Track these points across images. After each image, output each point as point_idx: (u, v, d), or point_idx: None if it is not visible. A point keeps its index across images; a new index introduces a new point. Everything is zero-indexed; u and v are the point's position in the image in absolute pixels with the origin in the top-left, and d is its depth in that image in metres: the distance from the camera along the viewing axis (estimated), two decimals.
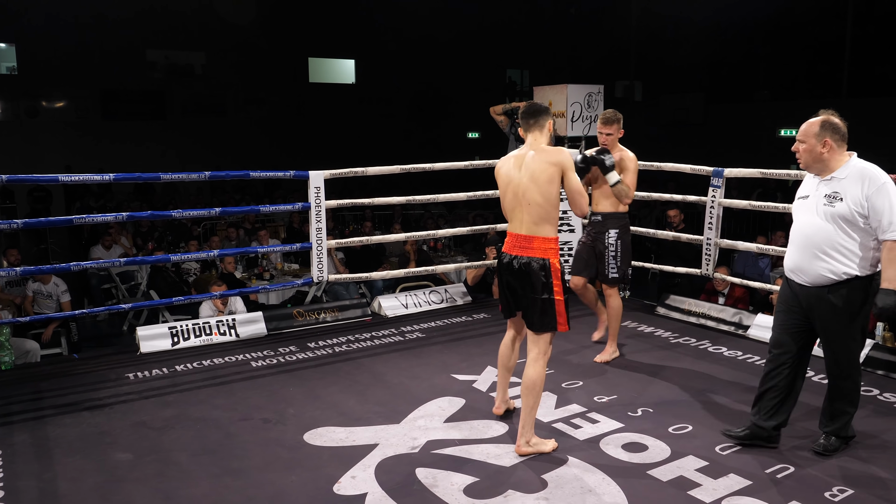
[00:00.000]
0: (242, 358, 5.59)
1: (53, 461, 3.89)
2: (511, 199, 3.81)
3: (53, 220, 6.00)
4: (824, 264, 3.61)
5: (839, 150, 3.63)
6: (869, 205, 3.49)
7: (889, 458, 3.79)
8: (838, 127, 3.62)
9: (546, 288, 3.73)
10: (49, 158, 17.02)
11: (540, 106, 3.88)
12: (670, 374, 5.10)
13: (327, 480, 3.61)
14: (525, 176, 3.74)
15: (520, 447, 3.82)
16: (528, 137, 3.89)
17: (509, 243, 3.86)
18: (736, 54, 21.16)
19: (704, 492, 3.45)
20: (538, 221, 3.73)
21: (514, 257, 3.80)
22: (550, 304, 3.74)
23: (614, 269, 5.27)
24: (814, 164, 3.66)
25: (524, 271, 3.76)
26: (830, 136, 3.60)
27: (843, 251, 3.58)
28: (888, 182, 3.49)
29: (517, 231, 3.80)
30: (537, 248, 3.74)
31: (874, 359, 5.13)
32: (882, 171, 3.56)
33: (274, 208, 6.72)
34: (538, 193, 3.70)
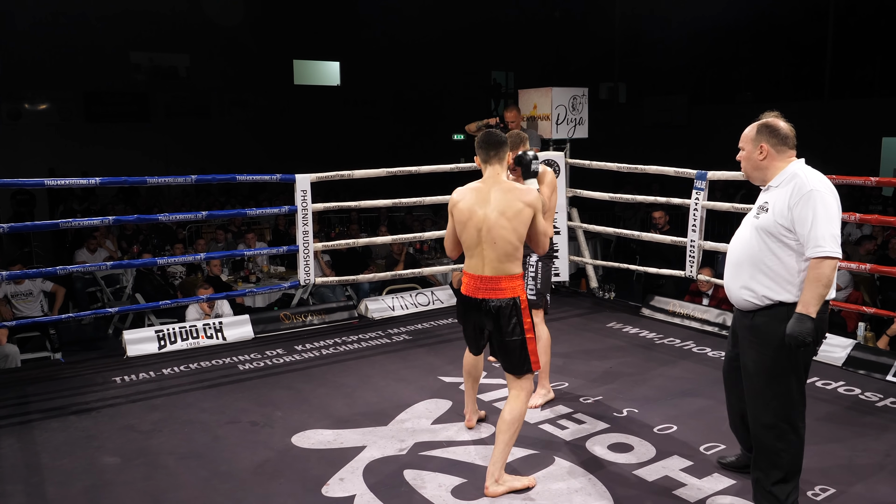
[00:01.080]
0: (229, 361, 5.60)
1: (41, 465, 3.89)
2: (473, 235, 3.51)
3: (39, 224, 5.98)
4: (745, 284, 3.19)
5: (779, 155, 3.16)
6: (793, 216, 3.02)
7: (871, 458, 3.85)
8: (777, 130, 3.16)
9: (517, 328, 3.51)
10: (32, 161, 16.87)
11: (500, 137, 3.63)
12: (655, 374, 5.15)
13: (315, 482, 3.62)
14: (493, 213, 3.47)
15: (488, 488, 3.47)
16: (486, 170, 3.60)
17: (471, 285, 3.57)
18: (719, 56, 21.30)
19: (689, 491, 3.50)
20: (504, 260, 3.49)
21: (484, 301, 3.53)
22: (523, 345, 3.53)
23: (532, 291, 4.63)
24: (753, 171, 3.25)
25: (494, 314, 3.52)
26: (767, 141, 3.15)
27: (764, 270, 3.12)
28: (815, 190, 3.00)
29: (479, 272, 3.53)
30: (507, 289, 3.50)
31: (856, 359, 5.20)
32: (816, 179, 3.07)
33: (260, 211, 6.73)
34: (510, 231, 3.45)
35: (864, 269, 5.65)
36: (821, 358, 5.34)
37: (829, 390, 4.82)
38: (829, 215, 2.99)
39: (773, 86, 20.84)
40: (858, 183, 5.29)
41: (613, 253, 11.78)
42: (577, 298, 7.42)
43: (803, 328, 2.96)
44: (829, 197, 3.02)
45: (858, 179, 5.30)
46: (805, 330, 2.96)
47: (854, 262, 7.11)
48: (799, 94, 19.87)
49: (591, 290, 7.59)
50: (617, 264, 7.60)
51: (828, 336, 5.33)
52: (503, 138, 3.63)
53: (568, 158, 7.44)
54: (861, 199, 13.71)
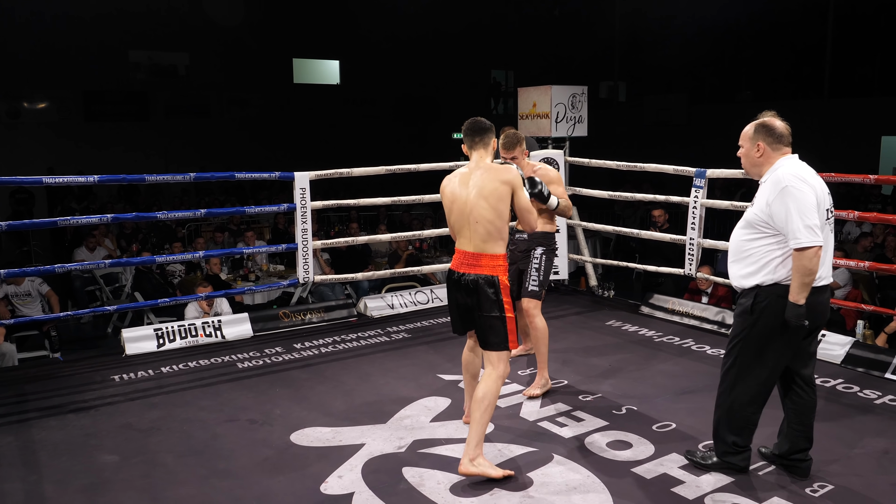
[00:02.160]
0: (228, 359, 5.60)
1: (39, 464, 3.89)
2: (458, 216, 3.70)
3: (38, 221, 5.98)
4: (734, 269, 3.51)
5: (774, 153, 3.40)
6: (771, 211, 3.30)
7: (869, 454, 3.85)
8: (773, 129, 3.40)
9: (496, 305, 3.63)
10: (31, 160, 16.87)
11: (485, 123, 3.77)
12: (654, 372, 5.15)
13: (314, 480, 3.62)
14: (472, 193, 3.63)
15: (463, 465, 3.56)
16: (472, 155, 3.78)
17: (457, 260, 3.74)
18: (719, 55, 21.29)
19: (687, 489, 3.50)
20: (486, 239, 3.62)
21: (463, 275, 3.68)
22: (502, 322, 3.64)
23: (535, 281, 4.87)
24: (751, 168, 3.50)
25: (472, 288, 3.65)
26: (763, 140, 3.40)
27: (746, 257, 3.44)
28: (789, 186, 3.24)
29: (465, 248, 3.70)
30: (486, 266, 3.63)
31: (854, 356, 5.20)
32: (791, 175, 3.29)
33: (259, 209, 6.72)
34: (488, 210, 3.59)
35: (863, 267, 5.65)
36: (820, 355, 5.33)
37: (828, 388, 4.82)
38: (801, 208, 3.22)
39: (772, 85, 20.84)
40: (857, 181, 5.28)
41: (613, 251, 11.78)
42: (577, 296, 7.43)
43: (796, 313, 3.26)
44: (801, 191, 3.25)
45: (857, 177, 5.30)
46: (797, 314, 3.26)
47: (853, 259, 7.12)
48: (798, 93, 19.86)
49: (591, 288, 7.59)
50: (616, 262, 7.59)
51: (826, 334, 5.38)
52: (487, 125, 3.77)
53: (567, 157, 7.44)
54: (860, 198, 13.71)
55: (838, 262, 6.26)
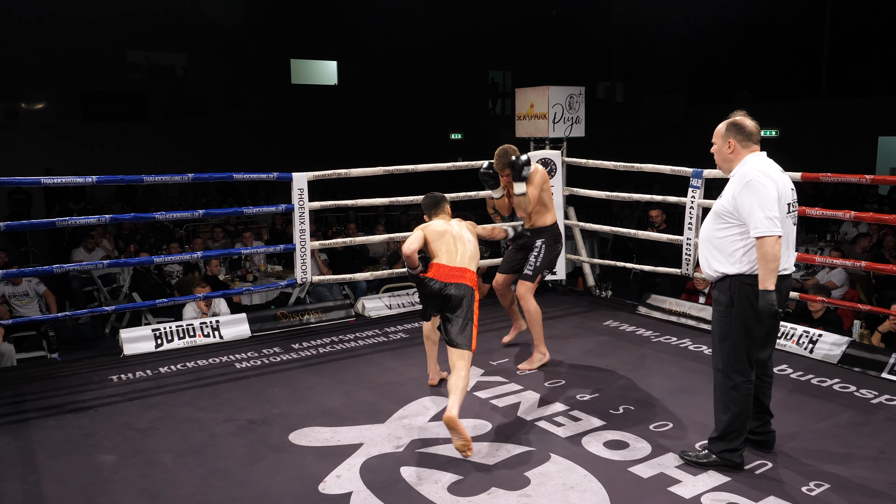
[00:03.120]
0: (226, 359, 5.61)
1: (38, 463, 3.89)
2: (450, 241, 4.38)
3: (36, 222, 5.99)
4: (704, 259, 3.73)
5: (743, 150, 3.64)
6: (736, 203, 3.53)
7: (865, 454, 3.87)
8: (742, 128, 3.64)
9: (469, 314, 4.20)
10: (28, 160, 16.85)
11: (437, 196, 4.68)
12: (651, 372, 5.17)
13: (312, 480, 3.63)
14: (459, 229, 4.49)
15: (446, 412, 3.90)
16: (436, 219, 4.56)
17: (442, 272, 4.26)
18: (716, 56, 21.33)
19: (684, 488, 3.51)
20: (472, 258, 4.37)
21: (451, 284, 4.22)
22: (470, 328, 4.18)
23: (531, 267, 5.33)
24: (722, 163, 3.73)
25: (458, 296, 4.20)
26: (734, 137, 3.64)
27: (716, 246, 3.65)
28: (754, 180, 3.48)
29: (452, 263, 4.29)
30: (469, 279, 4.27)
31: (851, 356, 5.21)
32: (754, 169, 3.54)
33: (257, 210, 6.73)
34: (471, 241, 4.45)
35: (859, 267, 5.66)
36: (817, 355, 5.36)
37: (825, 387, 4.84)
38: (762, 201, 3.45)
39: (769, 85, 20.88)
40: (854, 181, 5.30)
41: (611, 251, 11.79)
42: (574, 297, 7.44)
43: (767, 300, 3.43)
44: (764, 185, 3.48)
45: (854, 177, 5.32)
46: (768, 301, 3.43)
47: (850, 259, 7.14)
48: (795, 94, 19.90)
49: (588, 288, 7.60)
50: (613, 263, 7.61)
51: (823, 334, 5.40)
52: (440, 197, 4.66)
53: (564, 157, 7.45)
54: (857, 198, 13.73)
55: (835, 263, 6.29)
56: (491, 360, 5.40)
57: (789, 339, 5.56)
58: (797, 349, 5.48)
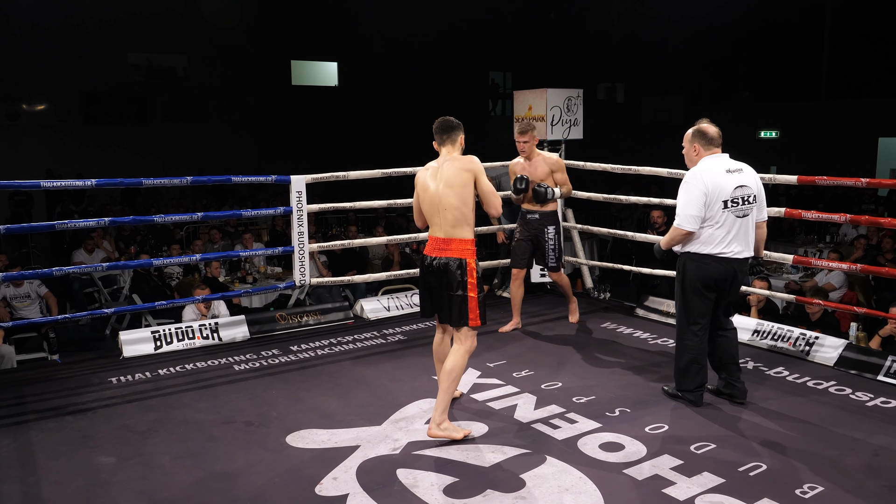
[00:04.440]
0: (225, 361, 5.63)
1: (37, 465, 3.92)
2: (428, 206, 4.12)
3: (37, 225, 6.01)
4: None
5: (705, 152, 4.32)
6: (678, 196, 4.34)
7: (860, 457, 3.89)
8: (706, 134, 4.32)
9: (461, 285, 4.03)
10: (30, 162, 16.89)
11: (453, 122, 4.22)
12: (648, 374, 5.18)
13: (309, 482, 3.66)
14: (441, 184, 4.06)
15: (431, 430, 4.03)
16: (441, 150, 4.22)
17: (430, 246, 4.14)
18: (716, 57, 21.34)
19: (679, 490, 3.53)
20: (455, 224, 4.04)
21: (434, 258, 4.09)
22: (464, 301, 4.04)
23: (553, 260, 6.16)
24: (690, 164, 4.42)
25: (442, 270, 4.06)
26: (698, 142, 4.34)
27: None
28: (687, 181, 4.28)
29: (436, 235, 4.12)
30: (455, 249, 4.04)
31: (847, 359, 5.23)
32: (693, 170, 4.30)
33: (256, 213, 6.76)
34: (454, 197, 4.02)
35: (856, 270, 5.68)
36: (813, 358, 5.38)
37: (821, 390, 4.86)
38: (687, 199, 4.27)
39: (769, 86, 20.90)
40: (850, 184, 5.31)
41: (610, 253, 11.81)
42: None
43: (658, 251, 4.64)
44: (693, 186, 4.25)
45: (850, 181, 5.33)
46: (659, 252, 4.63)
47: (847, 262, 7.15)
48: (796, 95, 19.92)
49: (587, 290, 7.62)
50: (611, 265, 7.62)
51: (820, 336, 5.42)
52: (455, 123, 4.23)
53: (563, 160, 7.45)
54: (855, 199, 13.76)
55: (832, 266, 6.31)
56: (487, 363, 5.42)
57: (786, 342, 5.58)
58: (794, 351, 5.50)
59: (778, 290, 7.86)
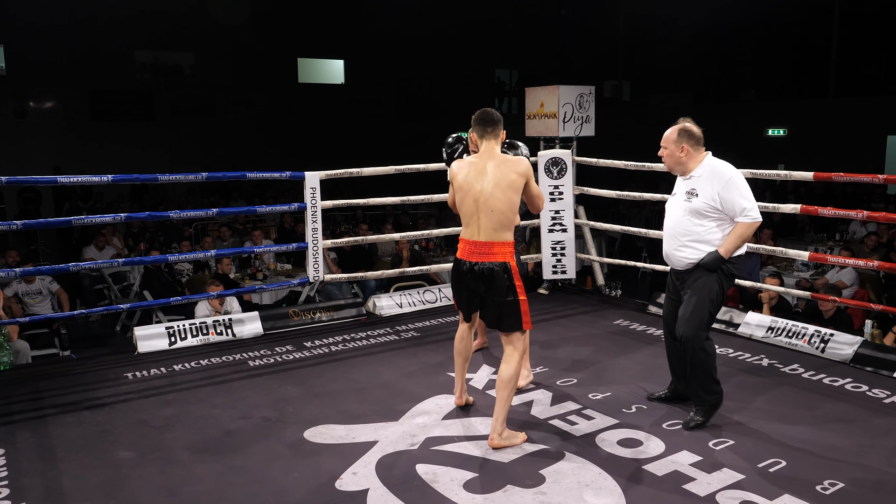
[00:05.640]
0: (240, 357, 5.64)
1: (57, 459, 3.93)
2: (471, 205, 3.88)
3: (52, 220, 6.02)
4: (683, 252, 4.16)
5: (696, 152, 4.12)
6: (721, 199, 4.01)
7: (878, 452, 3.88)
8: (693, 133, 4.12)
9: (511, 290, 3.88)
10: (37, 159, 16.94)
11: (496, 115, 3.99)
12: (663, 371, 5.15)
13: (329, 476, 3.66)
14: (488, 184, 3.83)
15: (492, 440, 3.92)
16: (482, 145, 3.98)
17: (466, 250, 3.94)
18: (723, 54, 21.32)
19: (699, 486, 3.53)
20: (499, 228, 3.85)
21: (476, 263, 3.89)
22: (516, 305, 3.89)
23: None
24: (675, 166, 4.19)
25: (488, 276, 3.87)
26: (686, 142, 4.11)
27: (695, 239, 4.10)
28: (733, 177, 4.03)
29: (474, 237, 3.90)
30: (498, 253, 3.86)
31: (863, 356, 5.22)
32: (728, 168, 4.07)
33: (270, 209, 6.76)
34: (503, 201, 3.82)
35: (871, 267, 5.67)
36: (828, 355, 5.37)
37: (837, 387, 4.85)
38: (746, 189, 4.05)
39: (777, 84, 20.85)
40: (866, 181, 5.30)
41: (619, 250, 11.81)
42: (584, 296, 7.45)
43: (709, 258, 4.07)
44: (741, 179, 4.05)
45: (866, 177, 5.32)
46: (710, 259, 4.07)
47: (861, 259, 7.14)
48: (804, 92, 19.87)
49: (598, 287, 7.62)
50: (624, 262, 7.62)
51: (835, 333, 5.41)
52: (498, 116, 3.99)
53: (575, 156, 7.47)
54: (864, 197, 13.73)
55: (846, 262, 6.29)
56: None
57: (801, 339, 5.57)
58: (809, 349, 5.49)
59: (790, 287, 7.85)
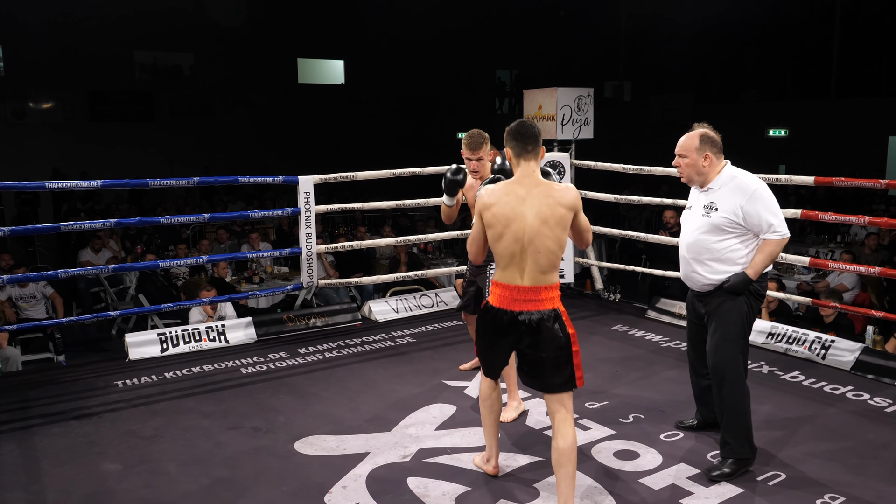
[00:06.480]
0: (232, 364, 5.56)
1: (41, 472, 3.86)
2: (512, 243, 3.18)
3: (41, 227, 5.94)
4: (703, 273, 3.74)
5: (717, 161, 3.72)
6: (744, 213, 3.60)
7: (880, 464, 3.80)
8: (715, 140, 3.72)
9: (565, 340, 3.22)
10: (36, 160, 16.89)
11: (536, 129, 3.29)
12: (661, 379, 5.10)
13: (318, 490, 3.59)
14: (535, 220, 3.16)
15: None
16: (520, 165, 3.27)
17: (507, 297, 3.23)
18: (724, 55, 21.23)
19: (696, 500, 3.45)
20: (547, 270, 3.19)
21: (520, 313, 3.20)
22: (569, 359, 3.23)
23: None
24: (695, 177, 3.76)
25: (535, 328, 3.20)
26: (710, 150, 3.69)
27: (716, 257, 3.69)
28: (758, 188, 3.63)
29: (516, 283, 3.21)
30: (546, 300, 3.20)
31: (864, 363, 5.13)
32: (753, 179, 3.68)
33: (263, 214, 6.69)
34: (552, 239, 3.17)
35: (873, 273, 5.59)
36: (829, 362, 5.29)
37: (838, 395, 4.77)
38: (774, 203, 3.66)
39: (778, 84, 20.77)
40: (868, 185, 5.21)
41: (618, 254, 11.73)
42: (583, 300, 7.37)
43: (736, 279, 3.64)
44: (767, 191, 3.65)
45: (867, 182, 5.24)
46: (737, 281, 3.64)
47: (863, 264, 7.06)
48: (805, 93, 19.79)
49: (597, 291, 7.53)
50: (622, 266, 7.54)
51: (836, 340, 5.33)
52: (538, 130, 3.31)
53: (573, 159, 7.39)
54: (865, 199, 13.64)
55: (848, 267, 6.21)
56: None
57: (801, 345, 5.49)
58: (809, 355, 5.41)
59: (790, 291, 7.78)
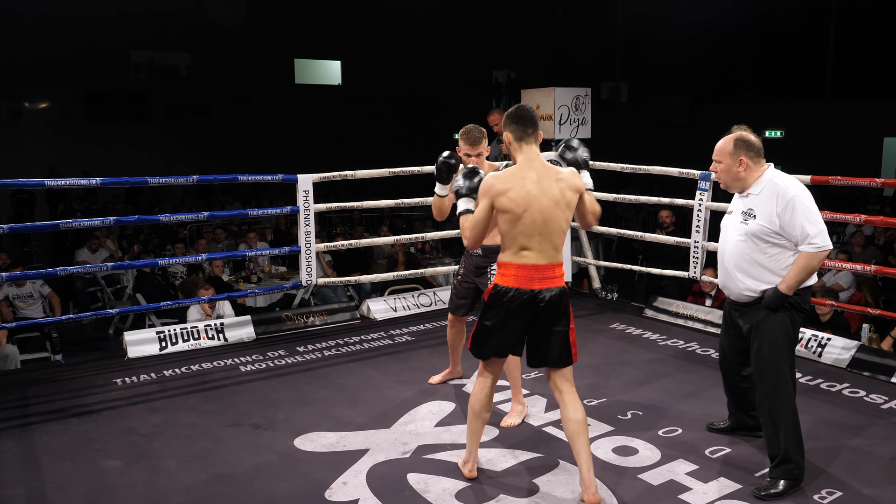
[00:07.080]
0: (231, 362, 5.57)
1: (41, 469, 3.86)
2: (530, 225, 3.25)
3: (39, 224, 5.95)
4: (742, 280, 3.59)
5: (755, 165, 3.55)
6: (781, 222, 3.44)
7: (876, 460, 3.83)
8: (752, 143, 3.55)
9: (566, 318, 3.39)
10: (32, 160, 16.87)
11: (534, 111, 3.41)
12: (659, 376, 5.12)
13: (319, 487, 3.60)
14: (548, 202, 3.27)
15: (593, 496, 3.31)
16: (521, 149, 3.34)
17: (525, 276, 3.30)
18: (721, 56, 21.26)
19: (695, 496, 3.47)
20: (559, 247, 3.34)
21: (540, 291, 3.30)
22: (570, 334, 3.40)
23: None
24: (732, 182, 3.64)
25: (555, 304, 3.33)
26: (745, 154, 3.54)
27: (757, 267, 3.54)
28: (797, 195, 3.42)
29: (535, 261, 3.29)
30: (560, 276, 3.36)
31: (860, 360, 5.16)
32: (793, 184, 3.49)
33: (262, 212, 6.69)
34: (564, 220, 3.31)
35: (869, 272, 5.62)
36: (825, 360, 5.32)
37: (834, 392, 4.80)
38: (815, 211, 3.44)
39: (774, 85, 20.82)
40: (864, 184, 5.24)
41: (615, 253, 11.74)
42: (580, 299, 7.39)
43: (776, 298, 3.48)
44: (807, 198, 3.44)
45: (864, 181, 5.27)
46: (778, 299, 3.48)
47: (858, 263, 7.09)
48: (800, 94, 19.84)
49: (594, 290, 7.56)
50: (619, 265, 7.57)
51: (832, 338, 5.35)
52: (535, 113, 3.42)
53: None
54: (860, 199, 13.69)
55: (843, 266, 6.25)
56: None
57: (797, 343, 5.50)
58: (806, 353, 5.43)
59: None
